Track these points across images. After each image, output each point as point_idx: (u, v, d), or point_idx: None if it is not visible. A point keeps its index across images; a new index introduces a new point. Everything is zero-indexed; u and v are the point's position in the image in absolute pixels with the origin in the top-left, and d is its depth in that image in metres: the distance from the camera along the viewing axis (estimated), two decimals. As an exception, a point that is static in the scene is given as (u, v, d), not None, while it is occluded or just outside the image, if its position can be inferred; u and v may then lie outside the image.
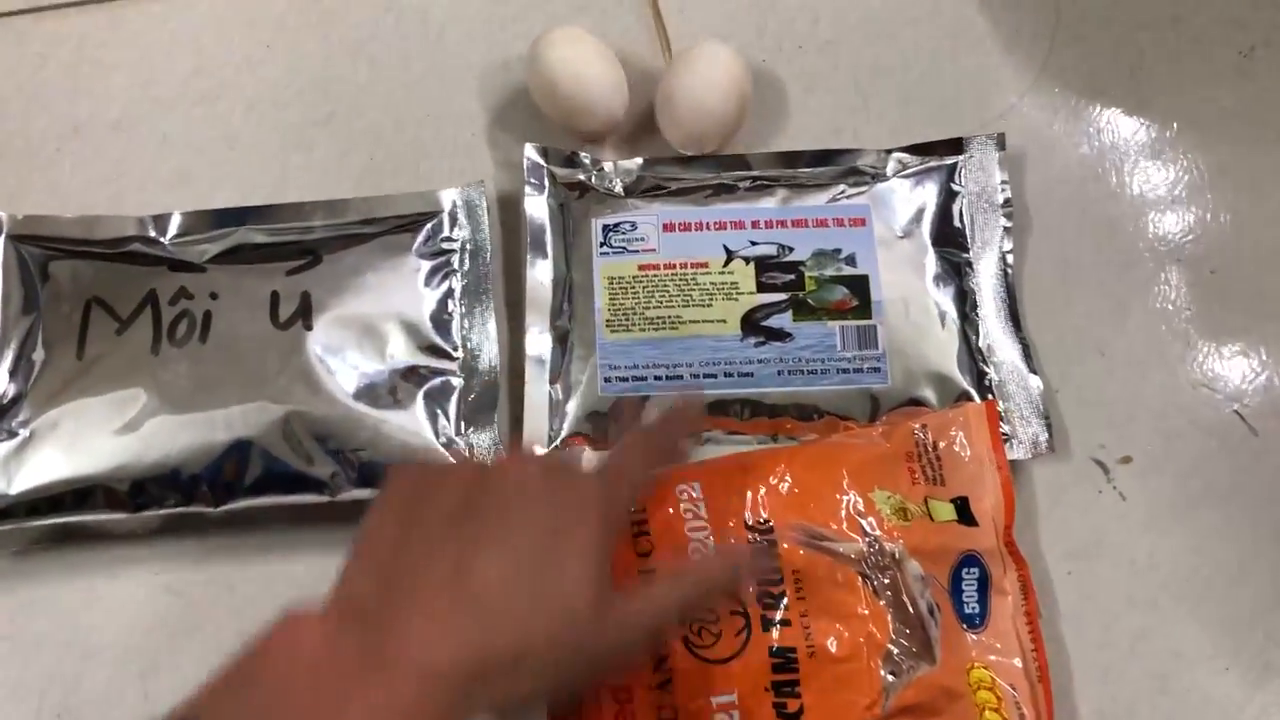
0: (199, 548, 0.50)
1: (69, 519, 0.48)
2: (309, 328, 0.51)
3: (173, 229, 0.53)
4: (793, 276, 0.52)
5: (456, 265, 0.53)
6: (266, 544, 0.50)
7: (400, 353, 0.51)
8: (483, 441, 0.51)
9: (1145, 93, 0.58)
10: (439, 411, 0.51)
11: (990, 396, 0.51)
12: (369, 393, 0.50)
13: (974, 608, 0.47)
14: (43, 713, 0.48)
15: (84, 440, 0.49)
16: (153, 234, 0.53)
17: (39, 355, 0.50)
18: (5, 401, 0.50)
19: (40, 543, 0.49)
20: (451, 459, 0.50)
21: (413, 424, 0.50)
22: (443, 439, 0.50)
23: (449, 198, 0.54)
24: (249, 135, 0.57)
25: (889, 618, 0.45)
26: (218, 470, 0.49)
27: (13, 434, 0.49)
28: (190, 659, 0.48)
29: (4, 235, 0.53)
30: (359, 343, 0.51)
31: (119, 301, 0.51)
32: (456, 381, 0.51)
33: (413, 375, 0.51)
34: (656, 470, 0.45)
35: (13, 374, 0.50)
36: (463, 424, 0.51)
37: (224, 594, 0.49)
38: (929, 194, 0.54)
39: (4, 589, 0.49)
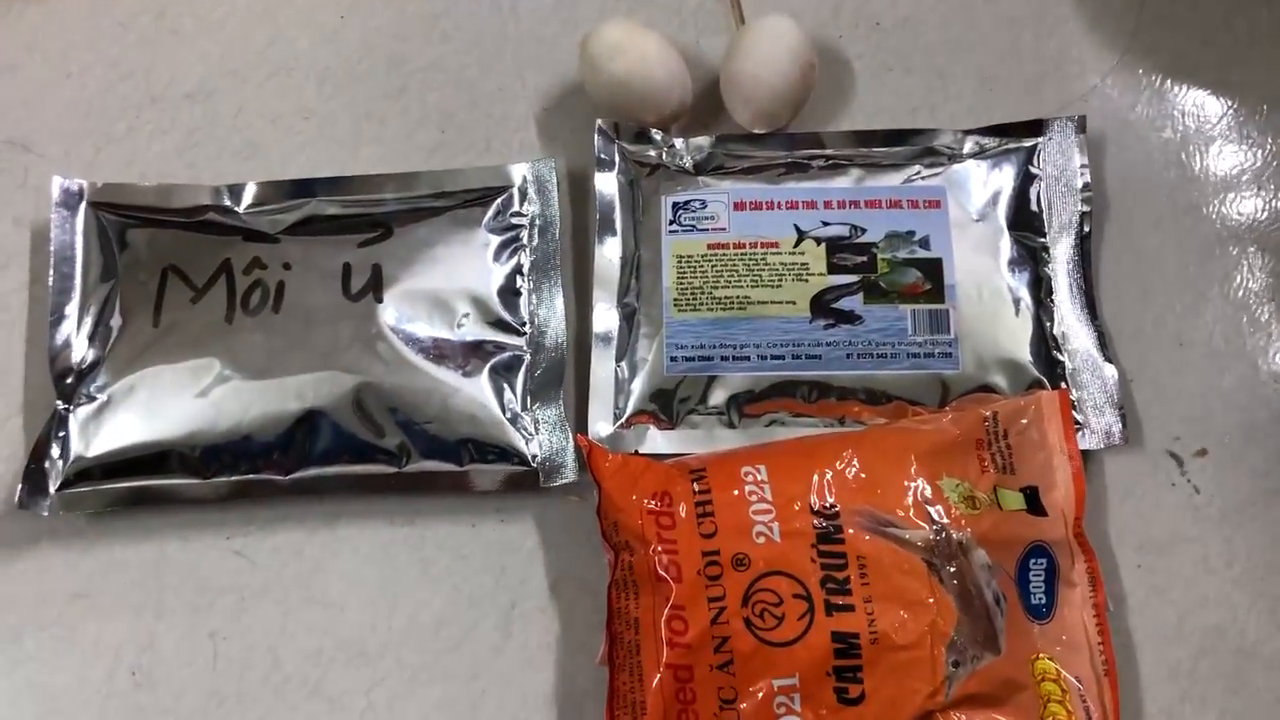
0: (269, 514, 0.51)
1: (143, 483, 0.50)
2: (380, 300, 0.51)
3: (247, 199, 0.54)
4: (864, 258, 0.51)
5: (526, 240, 0.53)
6: (334, 512, 0.51)
7: (469, 326, 0.51)
8: (549, 416, 0.51)
9: (1233, 75, 0.56)
10: (505, 386, 0.51)
11: (1063, 385, 0.50)
12: (437, 366, 0.51)
13: (1041, 598, 0.46)
14: (118, 671, 0.49)
15: (159, 406, 0.50)
16: (228, 203, 0.54)
17: (116, 321, 0.51)
18: (85, 367, 0.51)
19: (115, 505, 0.50)
20: (519, 436, 0.50)
21: (480, 397, 0.50)
22: (509, 413, 0.51)
23: (519, 173, 0.54)
24: (322, 108, 0.58)
25: (954, 606, 0.45)
26: (288, 439, 0.49)
27: (91, 399, 0.50)
28: (259, 621, 0.49)
29: (85, 202, 0.53)
30: (429, 316, 0.51)
31: (194, 270, 0.52)
32: (523, 356, 0.52)
33: (481, 349, 0.51)
34: None
35: (91, 339, 0.51)
36: (529, 399, 0.51)
37: (292, 560, 0.50)
38: (1006, 176, 0.53)
39: (81, 550, 0.51)
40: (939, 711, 0.44)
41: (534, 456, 0.50)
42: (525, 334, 0.52)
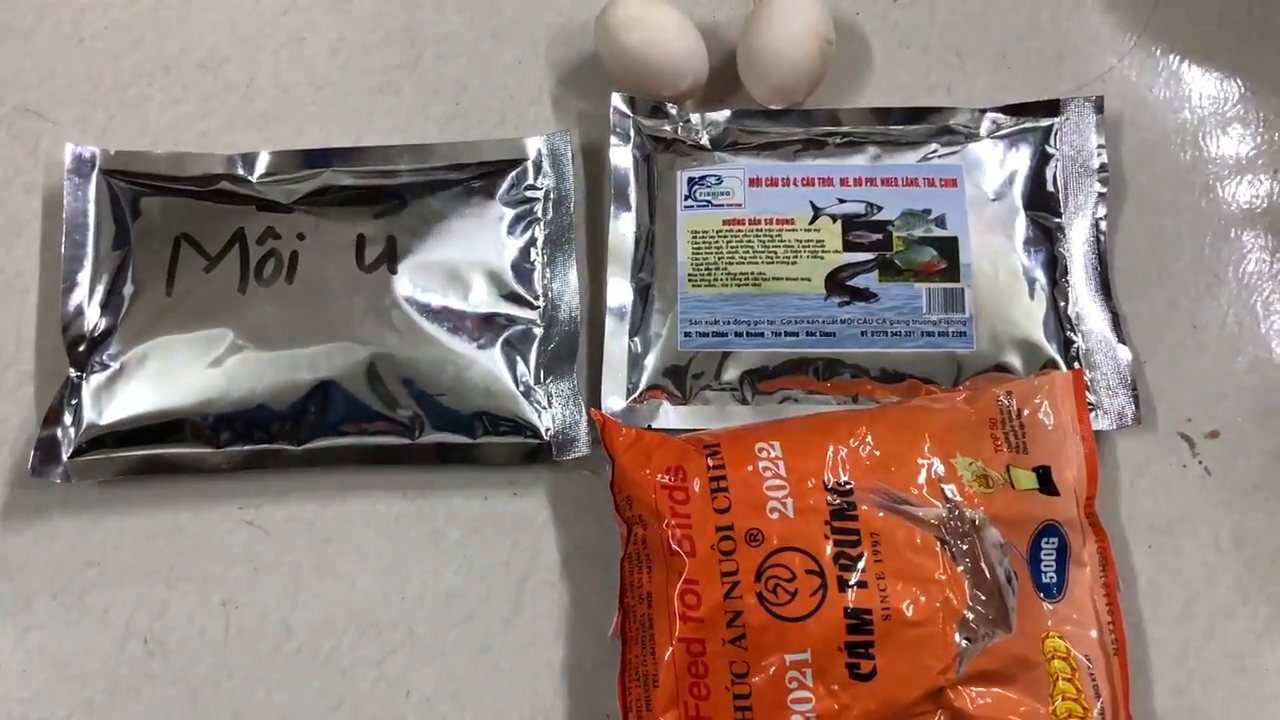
0: (281, 484, 0.51)
1: (156, 451, 0.50)
2: (394, 271, 0.51)
3: (260, 168, 0.53)
4: (880, 236, 0.51)
5: (540, 214, 0.53)
6: (347, 483, 0.51)
7: (482, 299, 0.51)
8: (562, 390, 0.51)
9: (1252, 57, 0.56)
10: (519, 359, 0.51)
11: (1077, 365, 0.50)
12: (451, 338, 0.50)
13: (1052, 577, 0.46)
14: (130, 638, 0.49)
15: (172, 375, 0.50)
16: (241, 173, 0.53)
17: (129, 290, 0.51)
18: (98, 335, 0.51)
19: (127, 474, 0.50)
20: (532, 410, 0.50)
21: (494, 370, 0.50)
22: (521, 386, 0.51)
23: (534, 145, 0.54)
24: (336, 77, 0.57)
25: (966, 584, 0.45)
26: (301, 409, 0.49)
27: (104, 366, 0.50)
28: (271, 591, 0.49)
29: (97, 170, 0.53)
30: (442, 288, 0.51)
31: (208, 239, 0.52)
32: (537, 330, 0.52)
33: (494, 322, 0.51)
34: None
35: (104, 307, 0.51)
36: (542, 372, 0.51)
37: (304, 530, 0.50)
38: (1023, 156, 0.53)
39: (93, 518, 0.50)
40: (950, 688, 0.44)
41: (547, 430, 0.50)
42: (539, 307, 0.52)
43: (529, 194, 0.53)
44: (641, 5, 0.53)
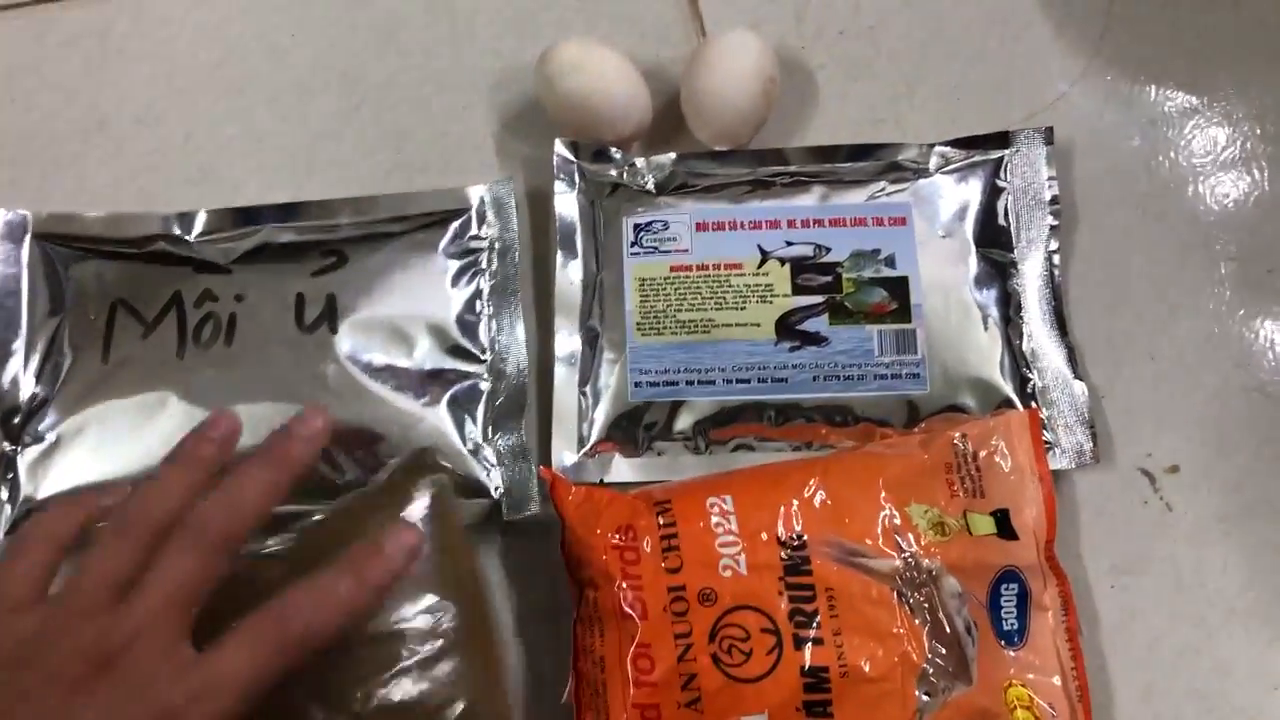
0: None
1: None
2: (334, 330, 0.50)
3: (198, 227, 0.52)
4: (830, 278, 0.50)
5: (485, 265, 0.52)
6: (294, 550, 0.50)
7: (427, 356, 0.50)
8: (511, 446, 0.50)
9: (1204, 81, 0.55)
10: (467, 416, 0.50)
11: (1033, 403, 0.49)
12: (395, 396, 0.49)
13: (1013, 624, 0.46)
14: None
15: (111, 445, 0.49)
16: (178, 232, 0.52)
17: (66, 358, 0.50)
18: (33, 405, 0.49)
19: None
20: (481, 468, 0.49)
21: (441, 428, 0.49)
22: (470, 444, 0.50)
23: (477, 194, 0.53)
24: (274, 128, 0.56)
25: (925, 636, 0.44)
26: (244, 477, 0.48)
27: (39, 438, 0.49)
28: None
29: (29, 234, 0.52)
30: (385, 346, 0.50)
31: (144, 304, 0.51)
32: (484, 385, 0.51)
33: (440, 379, 0.50)
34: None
35: (39, 377, 0.50)
36: (490, 428, 0.50)
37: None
38: (973, 190, 0.52)
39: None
40: (911, 744, 0.43)
41: (497, 489, 0.49)
42: (485, 361, 0.51)
43: (473, 244, 0.52)
44: (581, 49, 0.52)
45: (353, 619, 0.38)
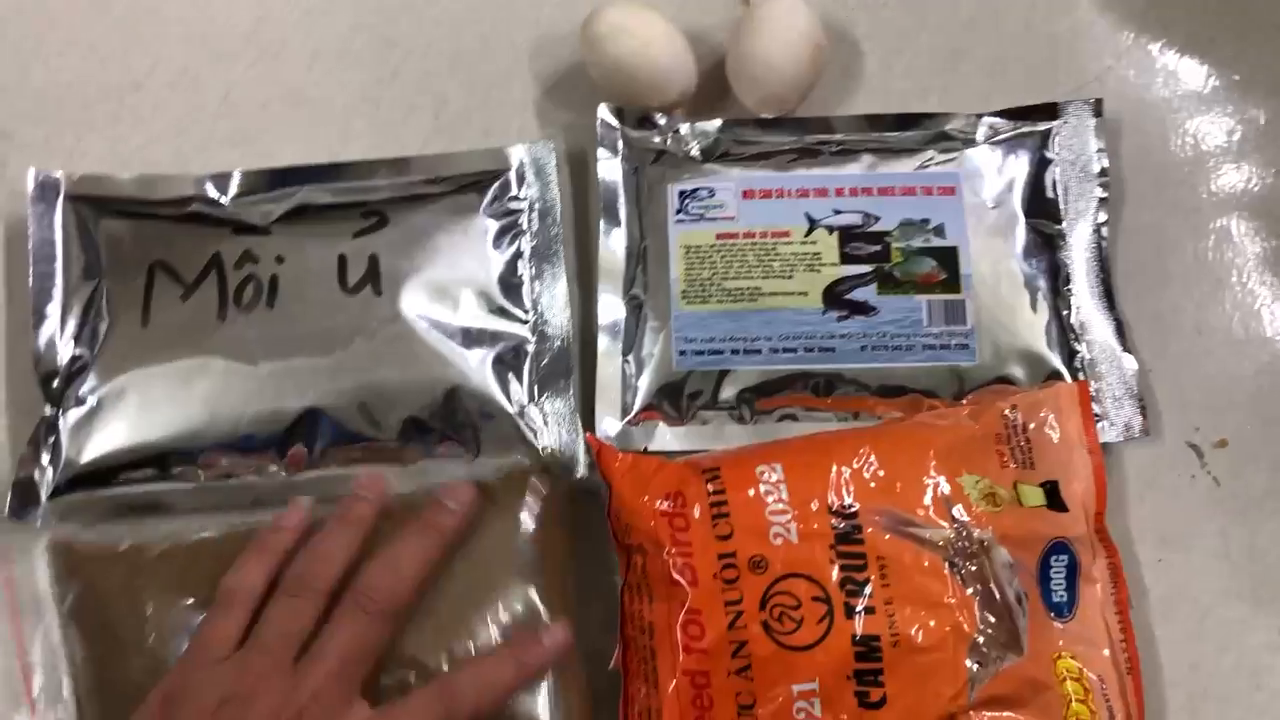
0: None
1: (139, 489, 0.48)
2: (378, 292, 0.50)
3: (233, 189, 0.52)
4: (878, 247, 0.50)
5: (525, 226, 0.52)
6: (335, 515, 0.49)
7: (470, 316, 0.50)
8: (558, 408, 0.49)
9: (1251, 51, 0.55)
10: (511, 377, 0.49)
11: (1081, 376, 0.49)
12: (440, 358, 0.49)
13: (1062, 596, 0.45)
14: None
15: (152, 408, 0.48)
16: (213, 194, 0.52)
17: (104, 321, 0.49)
18: (73, 369, 0.49)
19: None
20: (528, 430, 0.49)
21: (486, 390, 0.49)
22: (515, 405, 0.49)
23: (516, 155, 0.52)
24: (312, 91, 0.56)
25: (976, 607, 0.44)
26: (288, 439, 0.48)
27: (81, 402, 0.48)
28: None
29: (63, 196, 0.51)
30: (428, 307, 0.50)
31: (183, 265, 0.50)
32: (529, 346, 0.50)
33: (484, 339, 0.50)
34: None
35: (78, 340, 0.49)
36: (535, 390, 0.50)
37: (292, 564, 0.49)
38: (1021, 162, 0.52)
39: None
40: (961, 714, 0.43)
41: (544, 450, 0.49)
42: (528, 321, 0.50)
43: (513, 205, 0.52)
44: (626, 13, 0.51)
45: (509, 698, 0.42)
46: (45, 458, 0.48)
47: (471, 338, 0.49)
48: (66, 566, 0.45)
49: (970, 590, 0.44)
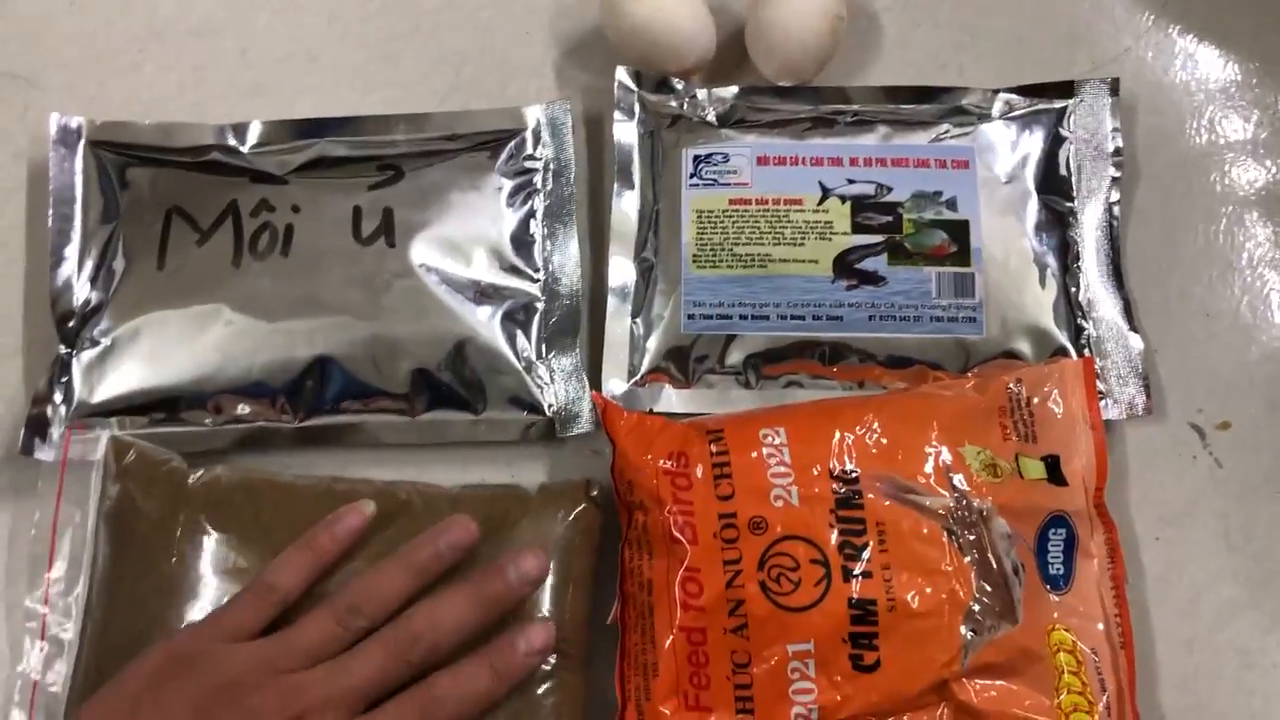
0: (277, 464, 0.49)
1: (149, 430, 0.48)
2: (391, 244, 0.50)
3: (252, 138, 0.52)
4: (890, 218, 0.50)
5: (539, 185, 0.52)
6: (344, 461, 0.49)
7: (482, 272, 0.50)
8: (565, 365, 0.50)
9: (1271, 37, 0.55)
10: (519, 333, 0.50)
11: (1087, 353, 0.49)
12: (450, 312, 0.49)
13: (1059, 569, 0.46)
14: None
15: (164, 351, 0.48)
16: (232, 143, 0.52)
17: (120, 264, 0.50)
18: (88, 310, 0.49)
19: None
20: (534, 385, 0.49)
21: (495, 344, 0.49)
22: (523, 361, 0.49)
23: (533, 115, 0.53)
24: (332, 48, 0.56)
25: (973, 575, 0.44)
26: (298, 386, 0.48)
27: (95, 343, 0.49)
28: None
29: (84, 141, 0.52)
30: (440, 261, 0.50)
31: (200, 212, 0.50)
32: (538, 304, 0.50)
33: (494, 295, 0.50)
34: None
35: (94, 282, 0.50)
36: (544, 347, 0.50)
37: (298, 511, 0.49)
38: (1036, 138, 0.52)
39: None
40: (954, 680, 0.43)
41: (550, 405, 0.49)
42: (539, 280, 0.51)
43: (528, 164, 0.52)
44: (644, -10, 0.51)
45: (489, 707, 0.43)
46: (58, 396, 0.48)
47: (482, 293, 0.50)
48: (117, 466, 0.45)
49: (968, 559, 0.44)
